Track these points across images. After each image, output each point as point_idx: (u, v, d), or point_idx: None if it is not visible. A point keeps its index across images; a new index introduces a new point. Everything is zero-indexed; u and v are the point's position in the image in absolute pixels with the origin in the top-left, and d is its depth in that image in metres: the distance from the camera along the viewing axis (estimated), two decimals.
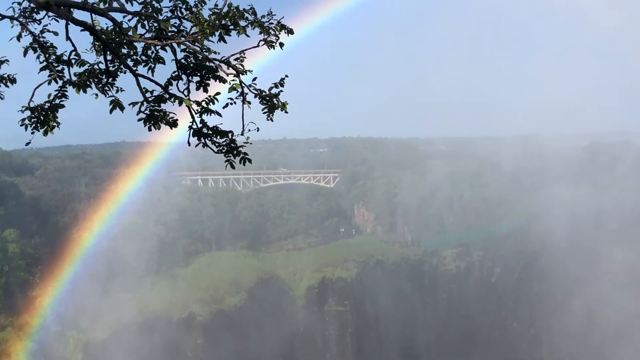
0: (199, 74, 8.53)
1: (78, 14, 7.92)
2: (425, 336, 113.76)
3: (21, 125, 8.49)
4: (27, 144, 9.16)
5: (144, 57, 8.38)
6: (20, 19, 8.11)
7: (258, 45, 8.59)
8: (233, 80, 8.59)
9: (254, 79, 8.85)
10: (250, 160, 8.89)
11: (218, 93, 8.63)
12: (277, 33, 8.52)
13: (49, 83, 8.47)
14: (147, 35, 8.19)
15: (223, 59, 8.34)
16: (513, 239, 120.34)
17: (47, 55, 8.43)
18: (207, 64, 8.20)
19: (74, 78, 8.40)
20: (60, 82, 8.47)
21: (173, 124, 8.64)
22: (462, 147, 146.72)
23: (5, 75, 8.69)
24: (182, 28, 8.27)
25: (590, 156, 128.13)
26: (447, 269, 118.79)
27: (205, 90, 8.61)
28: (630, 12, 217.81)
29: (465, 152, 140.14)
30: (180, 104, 8.48)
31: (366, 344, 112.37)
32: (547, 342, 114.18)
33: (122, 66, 8.23)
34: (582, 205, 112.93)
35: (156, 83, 8.56)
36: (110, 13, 7.97)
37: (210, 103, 8.60)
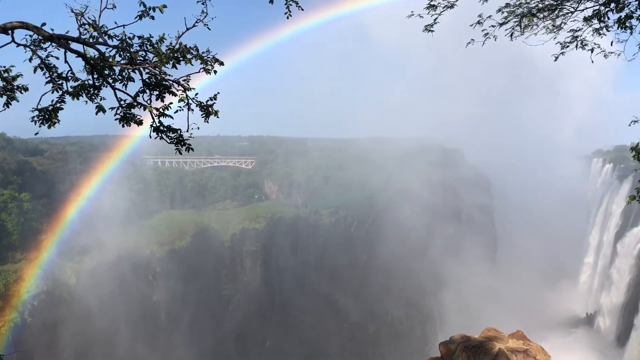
0: (158, 89, 8.59)
1: (74, 45, 7.90)
2: (309, 265, 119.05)
3: (32, 121, 8.47)
4: (36, 134, 9.16)
5: (120, 77, 8.32)
6: (32, 47, 8.12)
7: (199, 71, 8.55)
8: (182, 94, 8.59)
9: (196, 94, 8.82)
10: (192, 149, 8.95)
11: (171, 103, 8.63)
12: (212, 63, 8.56)
13: (52, 92, 8.41)
14: (122, 61, 8.12)
15: (175, 79, 8.40)
16: (365, 203, 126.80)
17: (50, 73, 8.35)
18: (164, 82, 8.33)
19: (70, 89, 8.36)
20: (60, 92, 8.44)
21: (139, 123, 8.73)
22: (335, 144, 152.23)
23: (20, 85, 8.46)
24: (146, 58, 8.24)
25: (415, 150, 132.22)
26: (324, 222, 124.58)
27: (162, 101, 8.63)
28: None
29: (337, 148, 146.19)
30: (144, 109, 8.45)
31: (270, 271, 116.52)
32: (385, 268, 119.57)
33: (104, 82, 8.20)
34: (407, 182, 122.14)
35: (128, 94, 8.52)
36: (97, 45, 8.00)
37: (166, 109, 8.62)
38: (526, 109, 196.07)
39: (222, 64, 8.86)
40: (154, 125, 8.80)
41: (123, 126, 8.83)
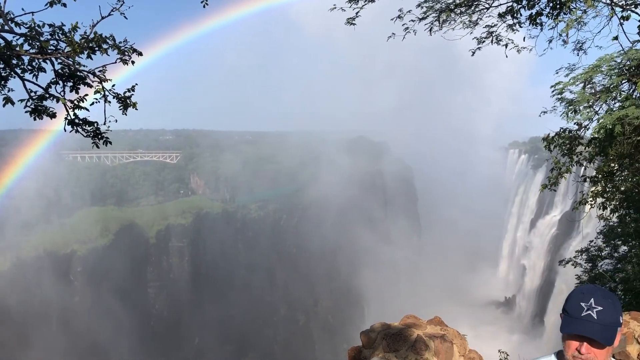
0: (71, 80, 8.09)
1: None
2: (238, 260, 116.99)
3: None
4: None
5: (29, 67, 7.81)
6: None
7: (116, 62, 8.14)
8: (97, 85, 8.18)
9: (113, 85, 8.41)
10: (110, 142, 8.64)
11: (86, 95, 8.20)
12: (130, 54, 8.17)
13: None
14: (32, 51, 7.64)
15: (90, 70, 7.95)
16: (294, 196, 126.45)
17: None
18: (78, 73, 7.89)
19: None
20: None
21: (52, 115, 8.23)
22: (262, 137, 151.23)
23: None
24: (58, 47, 7.73)
25: (342, 143, 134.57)
26: (252, 216, 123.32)
27: (77, 92, 8.17)
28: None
29: (264, 141, 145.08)
30: (57, 101, 8.00)
31: (198, 267, 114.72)
32: (315, 260, 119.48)
33: (12, 73, 7.74)
34: (335, 175, 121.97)
35: (39, 86, 8.01)
36: (2, 34, 7.45)
37: (81, 101, 8.22)
38: (450, 101, 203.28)
39: (140, 54, 8.48)
40: (69, 118, 8.42)
41: (35, 119, 8.31)
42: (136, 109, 8.75)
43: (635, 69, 8.63)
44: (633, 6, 9.17)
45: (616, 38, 8.77)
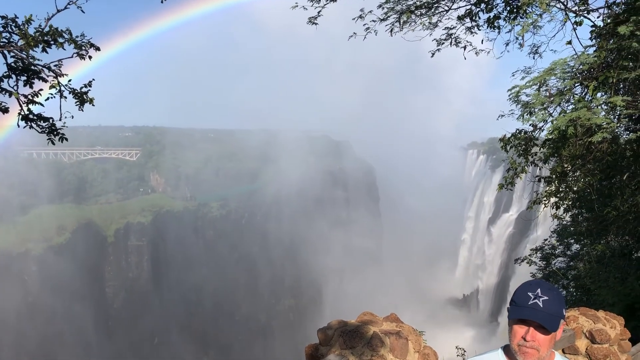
0: (25, 74, 7.81)
1: None
2: (199, 259, 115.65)
3: None
4: None
5: None
6: None
7: (72, 57, 7.88)
8: (53, 80, 7.93)
9: (69, 80, 8.16)
10: (66, 139, 8.43)
11: (41, 89, 7.94)
12: (87, 48, 7.92)
13: None
14: None
15: (45, 64, 7.72)
16: (256, 194, 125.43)
17: None
18: (32, 67, 7.63)
19: None
20: None
21: (5, 110, 7.94)
22: (224, 135, 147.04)
23: None
24: (11, 40, 7.47)
25: (304, 142, 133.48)
26: (213, 215, 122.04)
27: (31, 87, 7.90)
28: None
29: (226, 139, 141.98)
30: (10, 96, 7.72)
31: (158, 267, 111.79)
32: (276, 259, 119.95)
33: None
34: (297, 174, 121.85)
35: None
36: None
37: (35, 96, 7.92)
38: (412, 101, 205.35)
39: (98, 49, 8.29)
40: (23, 113, 8.14)
41: None
42: (93, 105, 8.57)
43: (587, 72, 8.91)
44: (586, 12, 9.47)
45: (570, 42, 9.04)
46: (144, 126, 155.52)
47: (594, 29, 9.49)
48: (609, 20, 9.00)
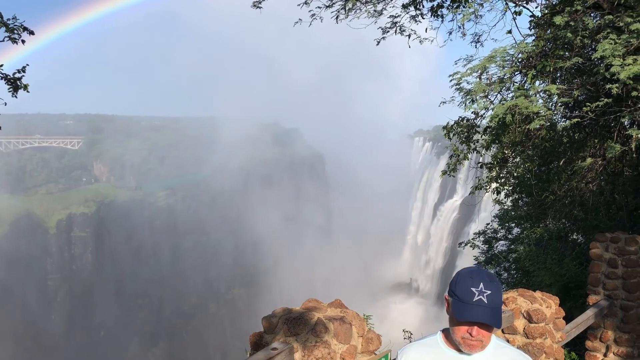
0: None
1: None
2: (146, 250, 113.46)
3: None
4: None
5: None
6: None
7: (3, 40, 7.62)
8: None
9: (1, 65, 7.86)
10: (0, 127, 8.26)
11: None
12: (20, 32, 7.65)
13: None
14: None
15: None
16: (204, 183, 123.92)
17: None
18: None
19: None
20: None
21: None
22: (169, 123, 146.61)
23: None
24: None
25: (253, 129, 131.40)
26: (160, 205, 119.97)
27: None
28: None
29: (171, 127, 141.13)
30: None
31: (103, 258, 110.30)
32: (226, 248, 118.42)
33: None
34: (245, 162, 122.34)
35: None
36: None
37: None
38: (360, 89, 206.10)
39: (32, 33, 7.89)
40: None
41: None
42: (27, 91, 8.19)
43: (526, 61, 9.17)
44: (525, 2, 9.73)
45: (510, 32, 9.29)
46: (86, 114, 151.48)
47: (532, 18, 9.77)
48: (546, 11, 9.28)
